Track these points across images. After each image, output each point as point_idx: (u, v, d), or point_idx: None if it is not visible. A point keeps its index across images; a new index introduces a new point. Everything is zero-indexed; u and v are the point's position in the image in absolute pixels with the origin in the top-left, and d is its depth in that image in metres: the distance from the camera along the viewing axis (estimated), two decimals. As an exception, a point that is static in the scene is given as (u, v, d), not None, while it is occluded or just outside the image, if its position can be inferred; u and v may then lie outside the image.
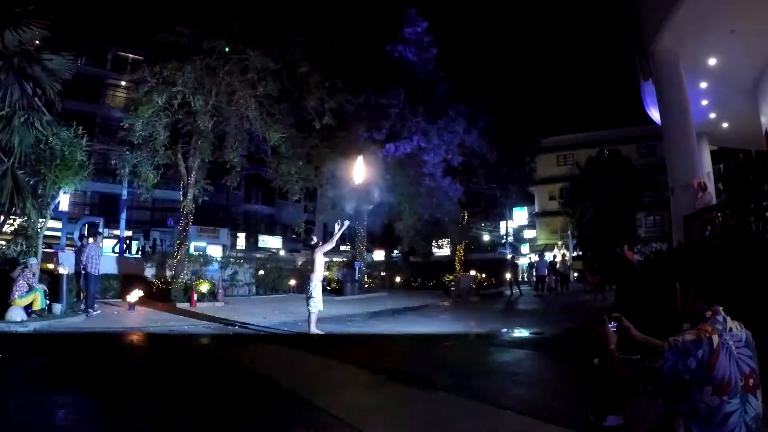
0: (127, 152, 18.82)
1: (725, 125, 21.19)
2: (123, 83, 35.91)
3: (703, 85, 17.76)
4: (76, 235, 19.12)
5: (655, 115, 20.31)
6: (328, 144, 23.27)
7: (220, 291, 18.33)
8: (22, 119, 12.06)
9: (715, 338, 2.24)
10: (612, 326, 2.80)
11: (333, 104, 20.22)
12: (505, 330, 12.89)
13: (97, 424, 5.06)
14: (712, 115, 20.25)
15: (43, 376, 7.02)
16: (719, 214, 12.00)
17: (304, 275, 11.83)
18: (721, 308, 2.39)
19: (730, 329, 2.33)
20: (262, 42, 18.06)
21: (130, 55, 40.54)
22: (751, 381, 2.27)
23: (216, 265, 21.19)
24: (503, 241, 50.88)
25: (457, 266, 32.62)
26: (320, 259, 11.41)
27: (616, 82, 76.98)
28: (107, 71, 41.91)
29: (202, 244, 38.42)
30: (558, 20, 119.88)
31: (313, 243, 11.88)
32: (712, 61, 16.35)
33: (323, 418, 5.16)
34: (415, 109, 25.03)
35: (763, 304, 6.51)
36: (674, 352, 2.25)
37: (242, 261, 25.20)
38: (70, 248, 18.53)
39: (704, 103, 19.06)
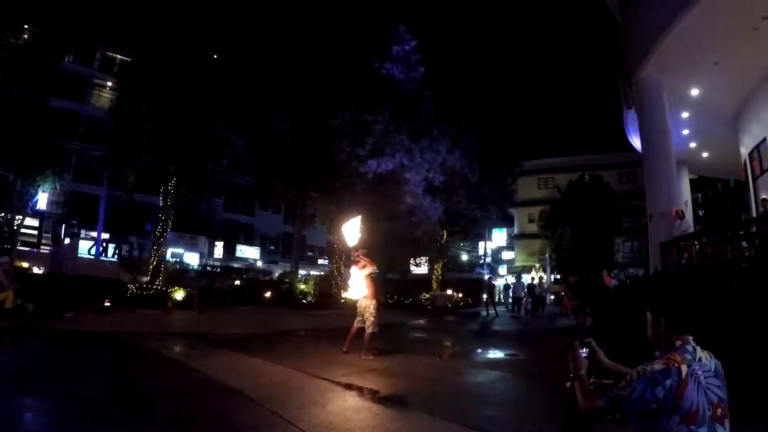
0: (109, 154, 18.64)
1: (705, 155, 21.46)
2: (109, 84, 35.71)
3: (685, 114, 18.00)
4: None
5: (636, 142, 20.54)
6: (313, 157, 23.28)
7: (196, 300, 18.16)
8: None
9: (684, 368, 2.24)
10: (583, 352, 2.78)
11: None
12: (479, 350, 12.89)
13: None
14: (693, 145, 20.51)
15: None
16: (696, 242, 12.12)
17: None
18: (691, 338, 2.39)
19: (700, 359, 2.33)
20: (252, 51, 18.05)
21: (118, 56, 40.36)
22: (719, 411, 2.26)
23: (193, 273, 20.96)
24: (481, 261, 50.94)
25: (435, 285, 32.57)
26: (366, 277, 11.16)
27: (600, 108, 78.01)
28: (94, 70, 41.57)
29: (180, 250, 38.17)
30: (545, 46, 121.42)
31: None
32: (694, 92, 16.60)
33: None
34: (400, 127, 25.04)
35: (736, 333, 6.56)
36: (642, 381, 2.24)
37: (219, 270, 24.96)
38: (46, 248, 18.30)
39: (685, 132, 19.31)
